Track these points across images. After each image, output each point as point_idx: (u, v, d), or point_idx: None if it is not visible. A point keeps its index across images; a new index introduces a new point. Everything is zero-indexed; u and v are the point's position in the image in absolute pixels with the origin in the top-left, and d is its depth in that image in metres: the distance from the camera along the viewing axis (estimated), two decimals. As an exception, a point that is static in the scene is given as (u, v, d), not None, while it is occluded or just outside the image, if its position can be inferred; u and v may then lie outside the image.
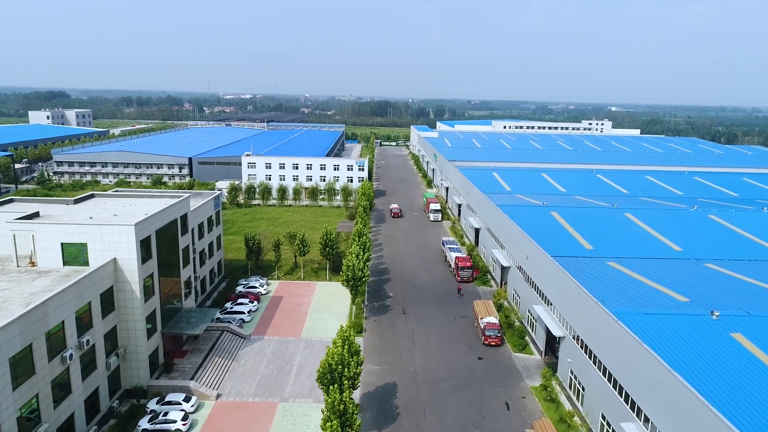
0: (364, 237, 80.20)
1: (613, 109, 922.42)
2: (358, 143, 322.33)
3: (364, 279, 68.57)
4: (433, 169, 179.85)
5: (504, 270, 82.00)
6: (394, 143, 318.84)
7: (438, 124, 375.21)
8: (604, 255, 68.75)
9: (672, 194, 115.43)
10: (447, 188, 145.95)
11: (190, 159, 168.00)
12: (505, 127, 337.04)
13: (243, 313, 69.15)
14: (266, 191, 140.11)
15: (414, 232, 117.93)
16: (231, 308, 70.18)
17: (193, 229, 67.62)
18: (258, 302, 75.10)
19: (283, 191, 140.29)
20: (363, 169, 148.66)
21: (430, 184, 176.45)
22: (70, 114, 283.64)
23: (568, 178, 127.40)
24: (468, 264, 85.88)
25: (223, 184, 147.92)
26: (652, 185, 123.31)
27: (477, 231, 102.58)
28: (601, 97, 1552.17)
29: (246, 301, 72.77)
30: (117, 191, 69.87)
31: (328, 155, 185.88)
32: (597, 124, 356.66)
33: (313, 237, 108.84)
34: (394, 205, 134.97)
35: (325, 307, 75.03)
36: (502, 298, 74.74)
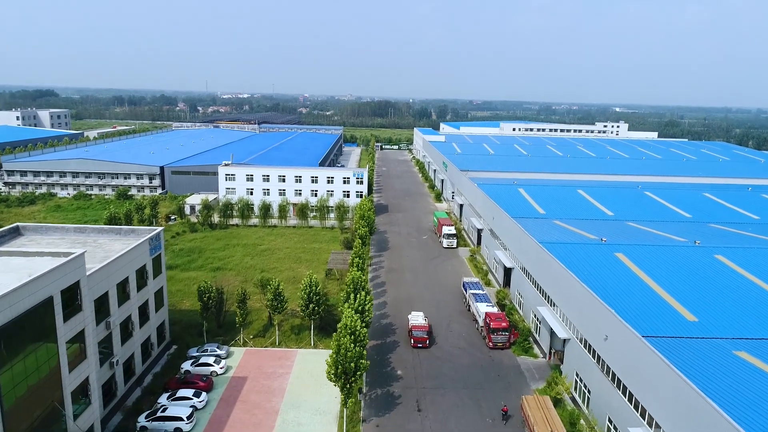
0: (363, 293, 57.41)
1: (618, 110, 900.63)
2: (358, 146, 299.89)
3: (360, 372, 45.79)
4: (443, 180, 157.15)
5: (554, 335, 59.13)
6: (395, 147, 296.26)
7: (442, 125, 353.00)
8: (720, 333, 46.16)
9: (748, 219, 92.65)
10: (461, 205, 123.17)
11: (161, 168, 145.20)
12: (514, 129, 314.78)
13: (181, 419, 46.27)
14: (246, 209, 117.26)
15: (425, 263, 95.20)
16: (163, 410, 47.22)
17: (105, 295, 45.03)
18: (209, 391, 52.37)
19: (266, 209, 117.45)
20: (362, 182, 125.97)
21: (438, 197, 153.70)
22: (44, 114, 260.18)
23: (611, 196, 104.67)
24: (503, 325, 63.03)
25: (197, 199, 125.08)
26: (716, 206, 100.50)
27: (507, 269, 79.79)
28: (603, 97, 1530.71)
29: (189, 393, 49.97)
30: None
31: (323, 161, 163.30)
32: (612, 126, 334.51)
33: (299, 272, 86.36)
34: (416, 318, 66.45)
35: (305, 398, 52.26)
36: (563, 388, 51.96)
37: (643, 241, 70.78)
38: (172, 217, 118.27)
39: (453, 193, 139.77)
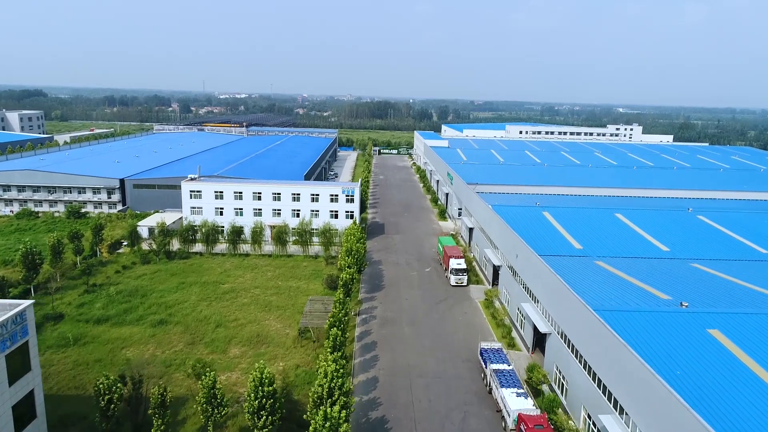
0: (338, 403, 37.37)
1: (621, 110, 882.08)
2: (354, 150, 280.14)
3: None
4: (447, 194, 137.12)
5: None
6: (395, 151, 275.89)
7: (443, 127, 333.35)
8: None
9: (843, 257, 72.51)
10: (471, 229, 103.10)
11: (121, 180, 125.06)
12: (521, 132, 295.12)
13: None
14: (213, 233, 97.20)
15: (428, 310, 75.08)
16: None
17: None
18: None
19: (236, 233, 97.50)
20: (352, 200, 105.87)
21: (443, 213, 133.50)
22: (12, 116, 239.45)
23: (658, 222, 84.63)
24: (547, 437, 42.89)
25: (157, 220, 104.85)
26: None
27: (540, 333, 59.46)
28: (605, 97, 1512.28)
29: None
30: None
31: (311, 171, 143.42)
32: (625, 129, 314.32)
33: (266, 326, 66.52)
34: None
35: None
36: None
37: (735, 303, 50.75)
38: (124, 243, 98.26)
39: (460, 210, 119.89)
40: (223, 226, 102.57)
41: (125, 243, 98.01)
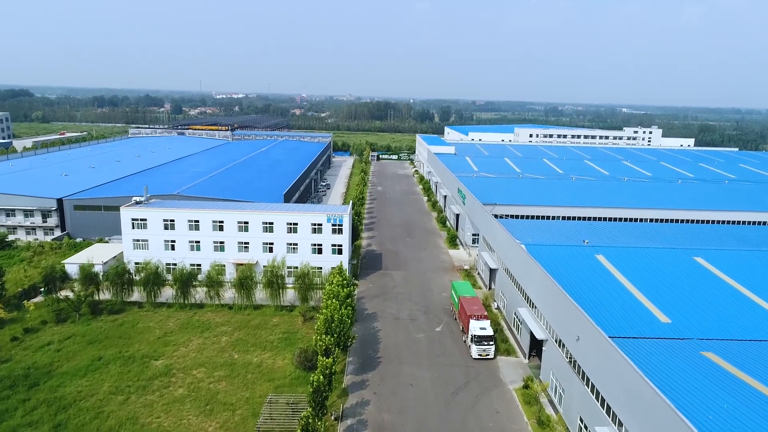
0: None
1: (625, 110, 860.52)
2: (351, 155, 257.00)
3: None
4: (458, 215, 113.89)
5: None
6: (395, 156, 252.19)
7: (447, 130, 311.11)
8: None
9: None
10: (493, 270, 79.83)
11: (59, 201, 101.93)
12: (531, 135, 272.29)
13: None
14: (157, 278, 73.94)
15: (443, 407, 51.77)
16: None
17: None
18: None
19: (189, 277, 74.29)
20: (340, 230, 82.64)
21: (453, 240, 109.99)
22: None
23: (758, 273, 61.56)
24: None
25: (85, 256, 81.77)
26: None
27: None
28: (607, 98, 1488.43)
29: None
30: None
31: (295, 187, 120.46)
32: (644, 132, 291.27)
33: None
34: None
35: None
36: None
37: None
38: (42, 290, 75.20)
39: (475, 236, 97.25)
40: (175, 264, 79.46)
41: (43, 289, 75.06)
